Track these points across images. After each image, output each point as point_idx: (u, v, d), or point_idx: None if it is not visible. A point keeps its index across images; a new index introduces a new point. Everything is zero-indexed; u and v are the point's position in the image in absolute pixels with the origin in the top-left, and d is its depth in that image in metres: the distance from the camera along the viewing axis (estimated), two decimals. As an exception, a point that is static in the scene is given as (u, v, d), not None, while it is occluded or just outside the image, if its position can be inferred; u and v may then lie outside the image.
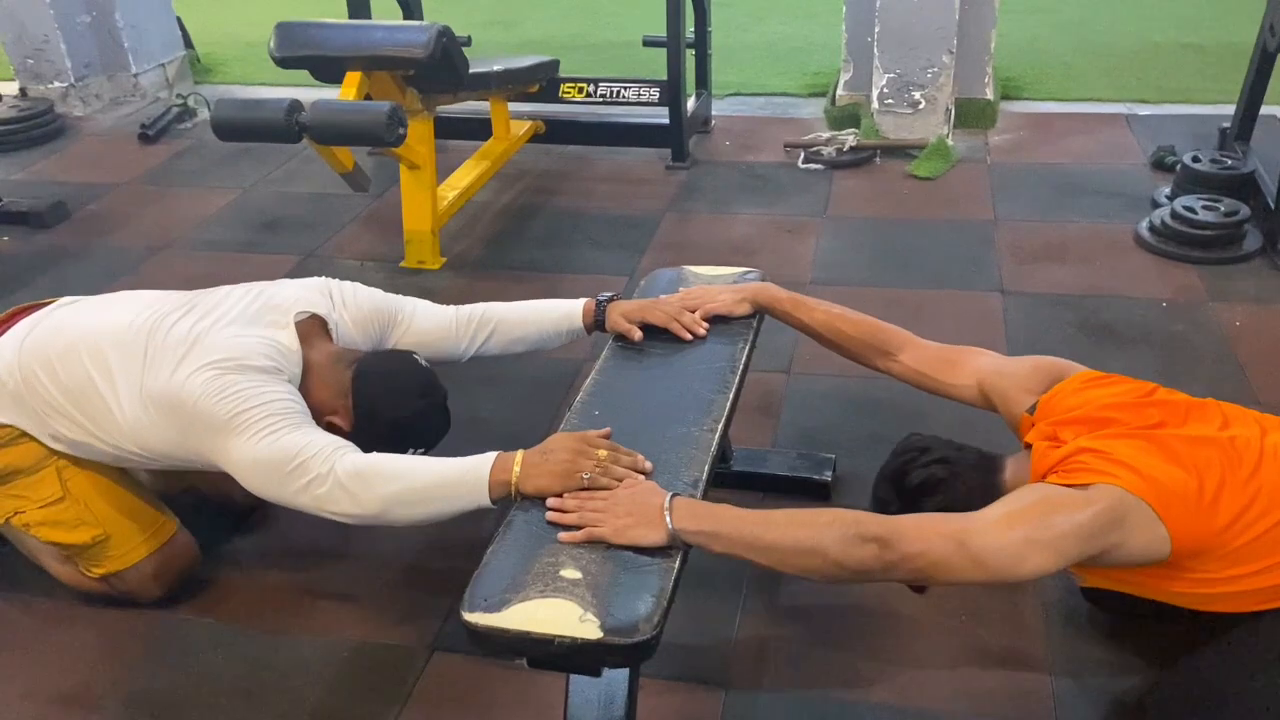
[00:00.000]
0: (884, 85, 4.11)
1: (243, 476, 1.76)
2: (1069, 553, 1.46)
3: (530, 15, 6.46)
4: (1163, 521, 1.47)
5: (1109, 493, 1.47)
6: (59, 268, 3.53)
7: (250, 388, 1.75)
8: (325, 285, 2.06)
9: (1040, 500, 1.50)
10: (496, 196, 3.91)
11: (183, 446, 1.82)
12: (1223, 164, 3.48)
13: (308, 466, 1.68)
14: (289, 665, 1.93)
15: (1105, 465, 1.51)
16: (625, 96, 4.20)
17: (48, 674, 1.94)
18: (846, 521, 1.46)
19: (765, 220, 3.66)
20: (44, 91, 4.92)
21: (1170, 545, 1.48)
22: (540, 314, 2.10)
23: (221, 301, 1.95)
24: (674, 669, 1.84)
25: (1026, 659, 1.86)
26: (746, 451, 2.34)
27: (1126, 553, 1.49)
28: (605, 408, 1.78)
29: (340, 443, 1.73)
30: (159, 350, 1.83)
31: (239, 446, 1.73)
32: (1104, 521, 1.46)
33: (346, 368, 1.89)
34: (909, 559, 1.43)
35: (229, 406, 1.73)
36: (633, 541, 1.44)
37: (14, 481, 1.95)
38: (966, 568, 1.44)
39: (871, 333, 1.98)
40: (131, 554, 1.99)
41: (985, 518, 1.48)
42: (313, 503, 1.70)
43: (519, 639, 1.34)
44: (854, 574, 1.46)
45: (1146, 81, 4.75)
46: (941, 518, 1.51)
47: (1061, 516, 1.46)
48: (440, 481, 1.65)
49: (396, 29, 3.28)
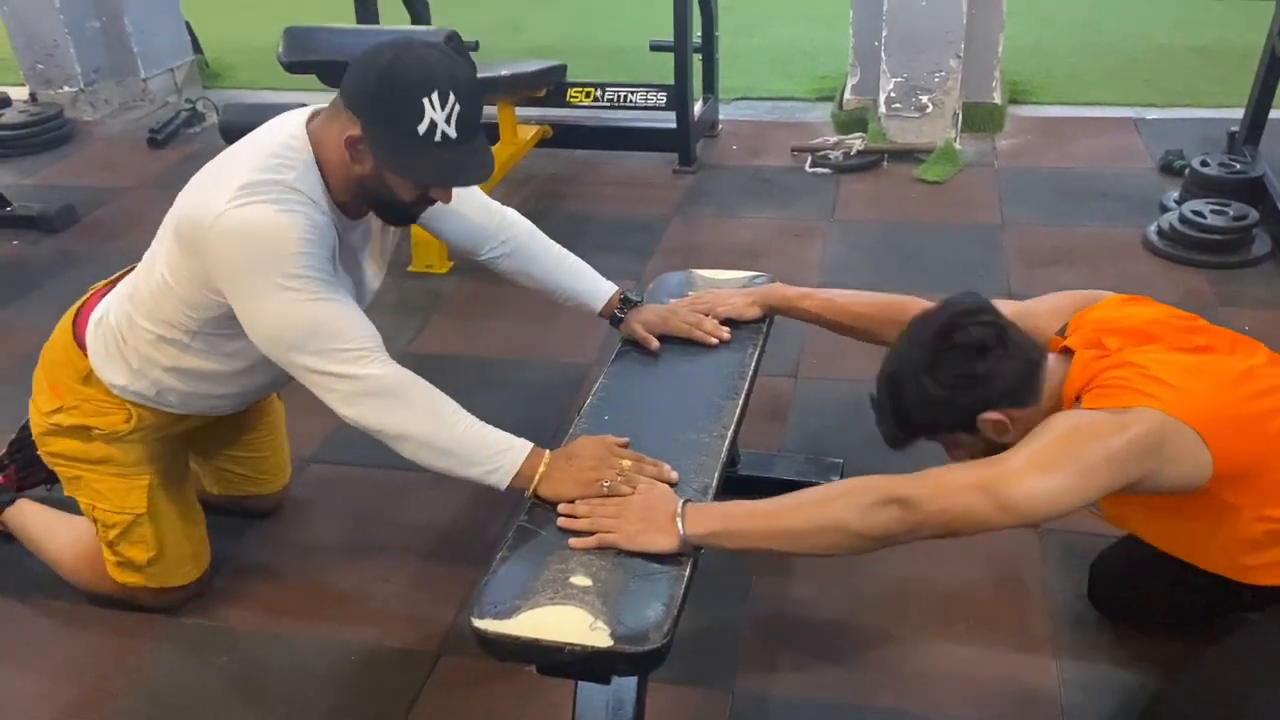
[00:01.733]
0: (891, 89, 4.11)
1: (253, 329, 1.65)
2: (1102, 484, 1.38)
3: (537, 20, 6.47)
4: (1207, 445, 1.39)
5: (1147, 416, 1.38)
6: (68, 272, 3.54)
7: (271, 222, 1.56)
8: None
9: (1070, 432, 1.40)
10: (504, 200, 3.87)
11: (206, 284, 1.66)
12: (1231, 168, 3.47)
13: (331, 356, 1.58)
14: (297, 668, 1.94)
15: (1147, 385, 1.41)
16: (632, 101, 4.21)
17: (55, 674, 1.95)
18: (860, 489, 1.43)
19: (772, 224, 3.66)
20: (53, 96, 4.93)
21: (1211, 470, 1.40)
22: (567, 271, 2.04)
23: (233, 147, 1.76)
24: (682, 672, 1.84)
25: (1034, 665, 1.86)
26: (754, 455, 2.34)
27: (1164, 479, 1.40)
28: (615, 412, 1.78)
29: (371, 342, 1.61)
30: (180, 196, 1.72)
31: (256, 294, 1.59)
32: (1140, 448, 1.37)
33: None
34: (935, 516, 1.39)
35: (248, 247, 1.57)
36: (645, 548, 1.44)
37: (108, 470, 1.92)
38: (996, 516, 1.38)
39: (885, 305, 1.94)
40: (172, 579, 2.02)
41: (1012, 463, 1.39)
42: (315, 387, 1.61)
43: (529, 646, 1.34)
44: (878, 541, 1.42)
45: (1154, 85, 4.74)
46: (963, 468, 1.44)
47: (1094, 446, 1.37)
48: (470, 442, 1.60)
49: (404, 34, 3.29)
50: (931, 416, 1.55)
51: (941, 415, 1.54)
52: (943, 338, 1.51)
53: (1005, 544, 2.11)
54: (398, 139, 1.56)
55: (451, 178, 1.64)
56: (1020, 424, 1.51)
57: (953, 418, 1.54)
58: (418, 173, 1.62)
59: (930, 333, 1.53)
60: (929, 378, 1.51)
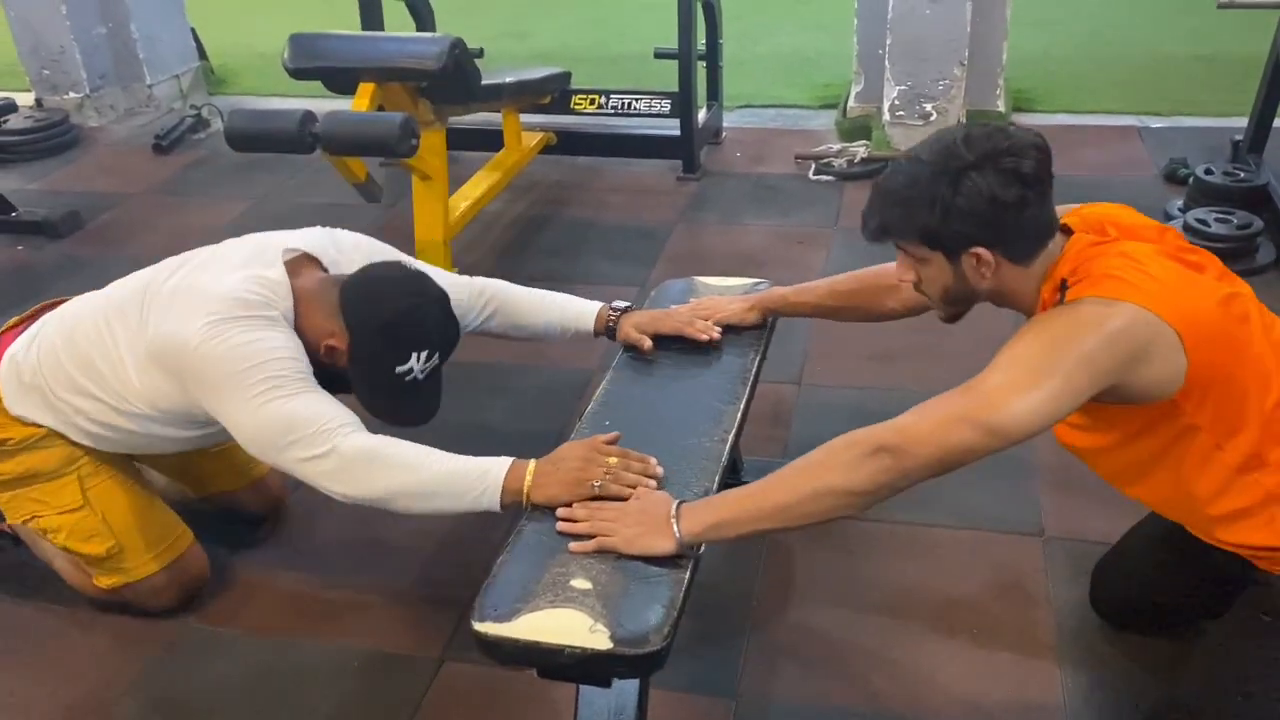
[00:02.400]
0: (895, 97, 4.12)
1: (239, 434, 1.73)
2: (1083, 388, 1.35)
3: (542, 27, 6.49)
4: (1185, 349, 1.36)
5: (1131, 312, 1.35)
6: (73, 277, 3.54)
7: (248, 341, 1.69)
8: (328, 231, 2.00)
9: (1049, 342, 1.38)
10: (508, 207, 3.92)
11: (186, 399, 1.78)
12: (1236, 176, 3.46)
13: (310, 441, 1.65)
14: (299, 674, 1.94)
15: (1136, 276, 1.37)
16: (637, 108, 4.22)
17: (59, 678, 1.95)
18: (842, 446, 1.41)
19: (776, 232, 3.66)
20: (59, 102, 4.95)
21: (1184, 378, 1.38)
22: (550, 308, 2.09)
23: (213, 253, 1.90)
24: (684, 679, 1.84)
25: (1037, 672, 1.85)
26: (758, 462, 2.33)
27: (1140, 380, 1.38)
28: (616, 418, 1.78)
29: (344, 419, 1.68)
30: (153, 303, 1.79)
31: (237, 406, 1.69)
32: (1121, 346, 1.35)
33: (334, 286, 1.80)
34: (924, 457, 1.37)
35: (227, 363, 1.68)
36: (644, 551, 1.45)
37: (35, 484, 1.95)
38: (985, 441, 1.36)
39: (871, 277, 1.93)
40: (143, 567, 2.00)
41: (994, 384, 1.37)
42: (309, 476, 1.67)
43: (529, 649, 1.34)
44: (871, 494, 1.40)
45: (1158, 94, 4.74)
46: (941, 403, 1.40)
47: (1072, 350, 1.35)
48: (451, 478, 1.64)
49: (409, 41, 3.30)
50: (938, 218, 1.44)
51: (947, 222, 1.44)
52: (998, 153, 1.42)
53: (1008, 550, 2.11)
54: (375, 373, 1.76)
55: (400, 417, 1.82)
56: (1000, 276, 1.48)
57: (953, 233, 1.45)
58: (376, 406, 1.81)
59: (988, 143, 1.43)
60: (966, 178, 1.41)
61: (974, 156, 1.41)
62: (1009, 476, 2.28)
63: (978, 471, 1.90)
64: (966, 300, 1.56)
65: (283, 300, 1.78)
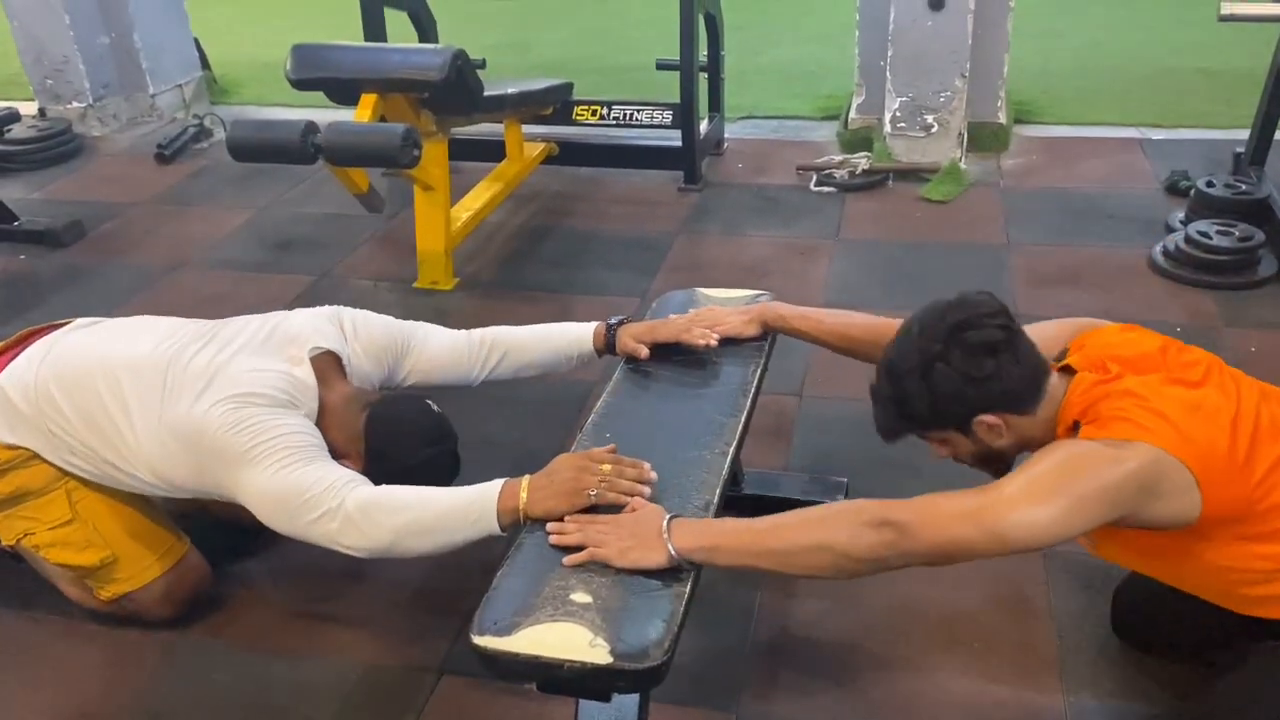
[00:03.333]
0: (896, 109, 4.12)
1: (256, 508, 1.77)
2: (1094, 517, 1.38)
3: (544, 39, 6.50)
4: (1199, 487, 1.39)
5: (1144, 451, 1.38)
6: (75, 286, 3.55)
7: (266, 420, 1.76)
8: (336, 315, 2.06)
9: (1066, 463, 1.40)
10: (510, 218, 3.93)
11: (199, 478, 1.83)
12: (1237, 189, 3.46)
13: (319, 501, 1.69)
14: (298, 687, 1.93)
15: (1146, 417, 1.41)
16: (638, 119, 4.22)
17: (59, 691, 1.95)
18: (853, 510, 1.42)
19: (777, 243, 3.66)
20: (62, 111, 4.96)
21: (1201, 509, 1.40)
22: (551, 338, 2.11)
23: (239, 332, 1.96)
24: (684, 692, 1.83)
25: (1040, 687, 1.85)
26: (759, 474, 2.33)
27: (1154, 514, 1.41)
28: (617, 430, 1.78)
29: (351, 476, 1.74)
30: (178, 382, 1.84)
31: (253, 479, 1.74)
32: (1135, 483, 1.37)
33: (360, 410, 1.89)
34: (926, 542, 1.38)
35: (245, 439, 1.74)
36: (635, 564, 1.44)
37: (24, 503, 1.96)
38: (988, 545, 1.38)
39: (882, 330, 1.92)
40: (140, 576, 1.99)
41: (1006, 492, 1.39)
42: (323, 537, 1.71)
43: (529, 663, 1.33)
44: (867, 564, 1.41)
45: (1160, 106, 4.75)
46: (956, 497, 1.42)
47: (1089, 479, 1.37)
48: (448, 511, 1.66)
49: (412, 52, 3.31)
50: (930, 410, 1.52)
51: (941, 410, 1.52)
52: (956, 333, 1.48)
53: (1010, 565, 2.10)
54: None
55: None
56: (1014, 431, 1.52)
57: (951, 414, 1.52)
58: None
59: (944, 326, 1.50)
60: (936, 371, 1.48)
61: (937, 345, 1.49)
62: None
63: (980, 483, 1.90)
64: (1000, 458, 1.58)
65: (309, 403, 1.87)
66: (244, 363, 1.86)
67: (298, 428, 1.79)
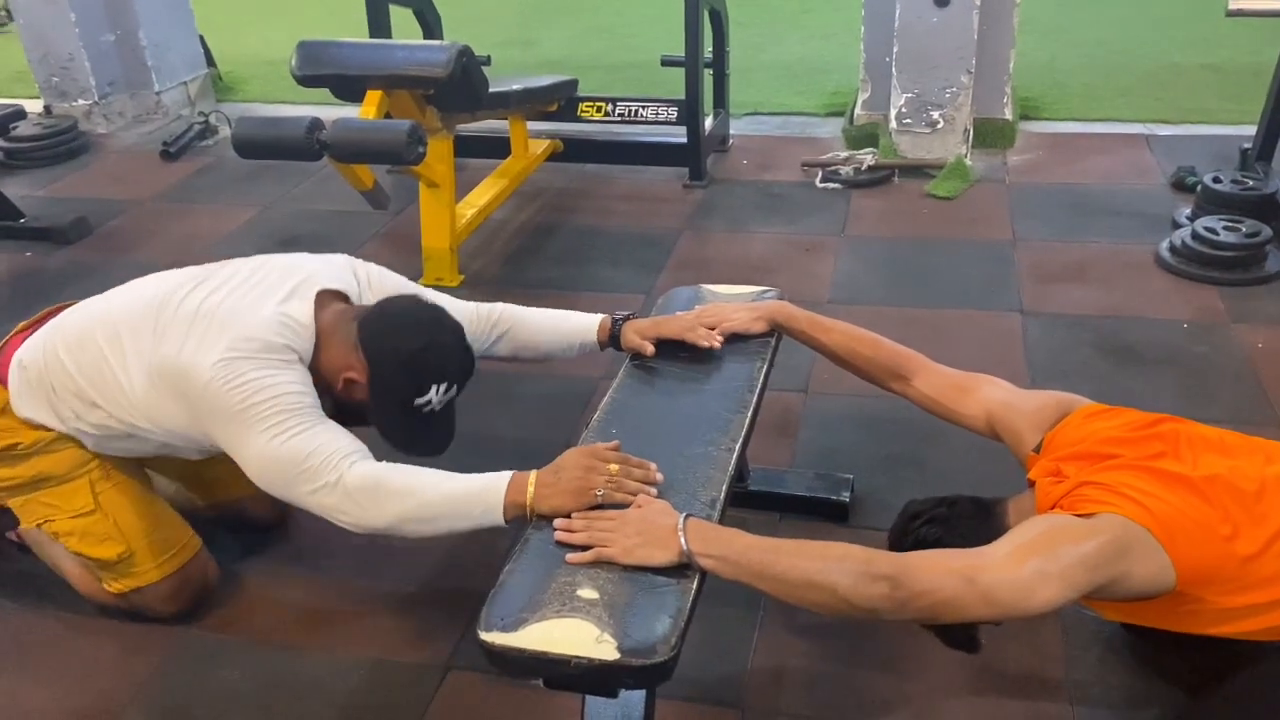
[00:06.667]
0: (902, 105, 4.12)
1: (249, 469, 1.76)
2: (1078, 583, 1.43)
3: (549, 35, 6.50)
4: (1165, 550, 1.45)
5: (1113, 521, 1.47)
6: (81, 283, 3.55)
7: (260, 378, 1.71)
8: (350, 263, 2.02)
9: (1046, 531, 1.49)
10: (514, 214, 3.93)
11: (193, 427, 1.80)
12: (1244, 185, 3.46)
13: (317, 473, 1.67)
14: (305, 682, 1.93)
15: (1106, 496, 1.50)
16: (643, 115, 4.21)
17: (66, 685, 1.95)
18: (858, 559, 1.43)
19: (783, 239, 3.66)
20: (68, 109, 4.97)
21: (1174, 574, 1.46)
22: (555, 324, 2.10)
23: (235, 273, 1.90)
24: (690, 690, 1.83)
25: (1046, 684, 1.84)
26: (764, 471, 2.33)
27: (1134, 583, 1.46)
28: (622, 426, 1.78)
29: (351, 449, 1.71)
30: (169, 323, 1.80)
31: (247, 440, 1.72)
32: (1110, 551, 1.44)
33: (353, 320, 1.83)
34: (918, 597, 1.40)
35: (238, 397, 1.70)
36: (641, 561, 1.43)
37: (47, 488, 1.95)
38: (977, 605, 1.41)
39: (888, 356, 1.97)
40: (153, 572, 2.00)
41: (993, 553, 1.45)
42: (319, 508, 1.70)
43: (535, 659, 1.33)
44: (862, 612, 1.42)
45: (1166, 102, 4.74)
46: (951, 554, 1.48)
47: (1068, 546, 1.44)
48: (452, 500, 1.65)
49: (417, 48, 3.30)
50: None
51: None
52: (897, 543, 1.75)
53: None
54: (394, 404, 1.80)
55: (417, 448, 1.83)
56: None
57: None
58: (394, 438, 1.83)
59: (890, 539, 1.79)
60: (905, 543, 1.74)
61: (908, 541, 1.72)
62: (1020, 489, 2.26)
63: (987, 482, 1.89)
64: None
65: (305, 343, 1.81)
66: (238, 303, 1.81)
67: (292, 385, 1.74)
